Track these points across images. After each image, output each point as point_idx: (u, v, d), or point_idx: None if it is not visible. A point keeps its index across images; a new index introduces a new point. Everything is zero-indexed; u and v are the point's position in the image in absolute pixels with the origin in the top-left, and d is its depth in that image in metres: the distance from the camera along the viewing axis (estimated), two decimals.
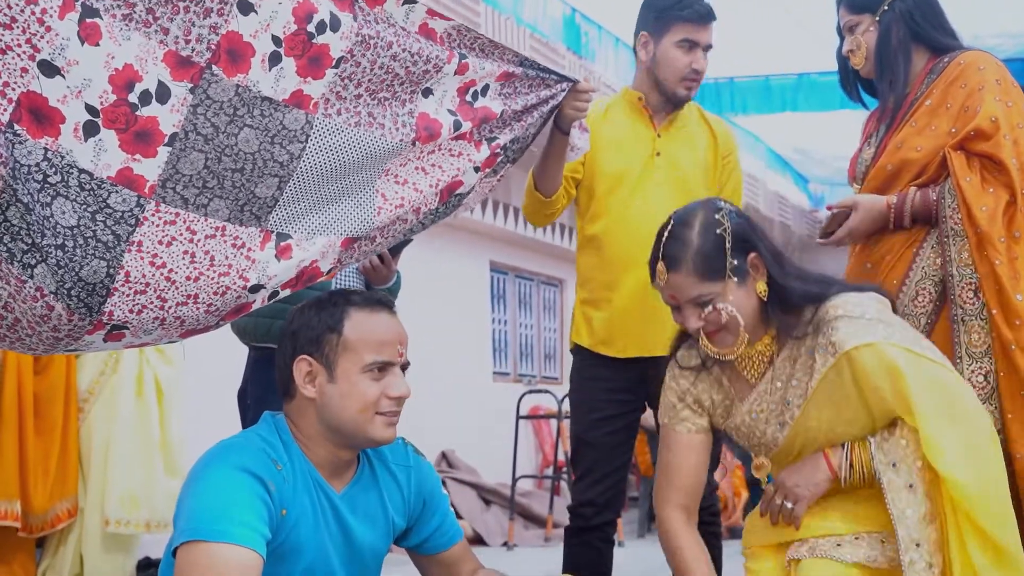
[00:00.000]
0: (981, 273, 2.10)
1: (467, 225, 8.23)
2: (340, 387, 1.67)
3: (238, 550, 1.46)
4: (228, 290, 1.66)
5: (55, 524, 4.12)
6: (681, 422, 1.98)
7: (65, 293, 1.49)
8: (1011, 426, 2.03)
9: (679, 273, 1.81)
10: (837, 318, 1.78)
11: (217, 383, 3.83)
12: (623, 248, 2.69)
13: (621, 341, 2.70)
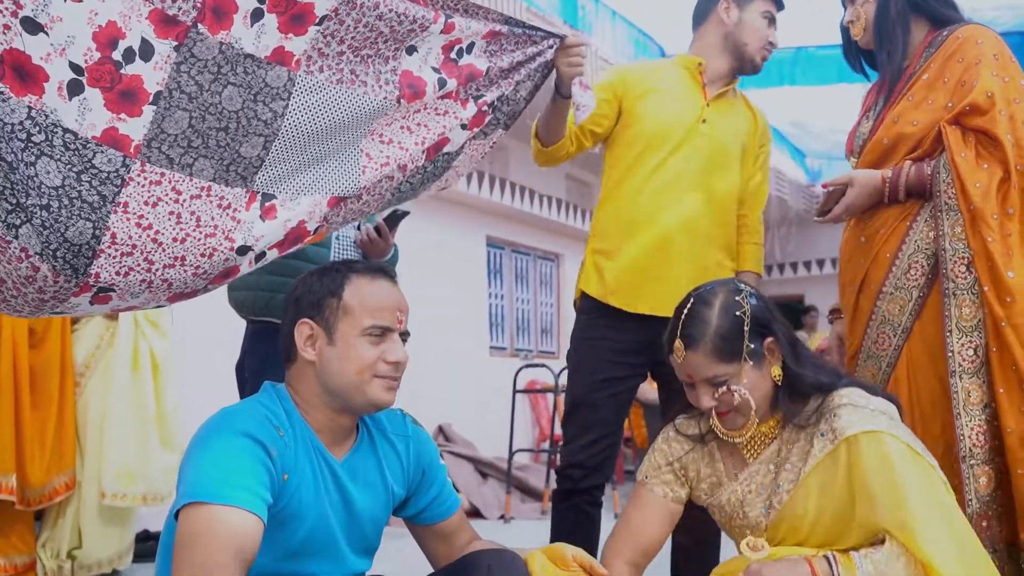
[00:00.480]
0: (974, 249, 2.10)
1: (464, 200, 8.22)
2: (339, 350, 1.69)
3: (239, 513, 1.47)
4: (215, 252, 1.65)
5: (53, 497, 4.14)
6: (661, 485, 1.99)
7: (50, 254, 1.49)
8: (1002, 400, 2.04)
9: (696, 352, 1.82)
10: (841, 406, 1.77)
11: (213, 357, 3.84)
12: (649, 204, 2.67)
13: (632, 294, 2.66)
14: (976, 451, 2.03)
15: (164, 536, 1.62)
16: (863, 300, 2.29)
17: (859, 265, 2.31)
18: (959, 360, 2.09)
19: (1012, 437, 2.01)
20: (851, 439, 1.71)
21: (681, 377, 1.89)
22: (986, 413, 2.06)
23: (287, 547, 1.62)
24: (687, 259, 2.65)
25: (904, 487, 1.64)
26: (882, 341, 2.24)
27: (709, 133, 2.71)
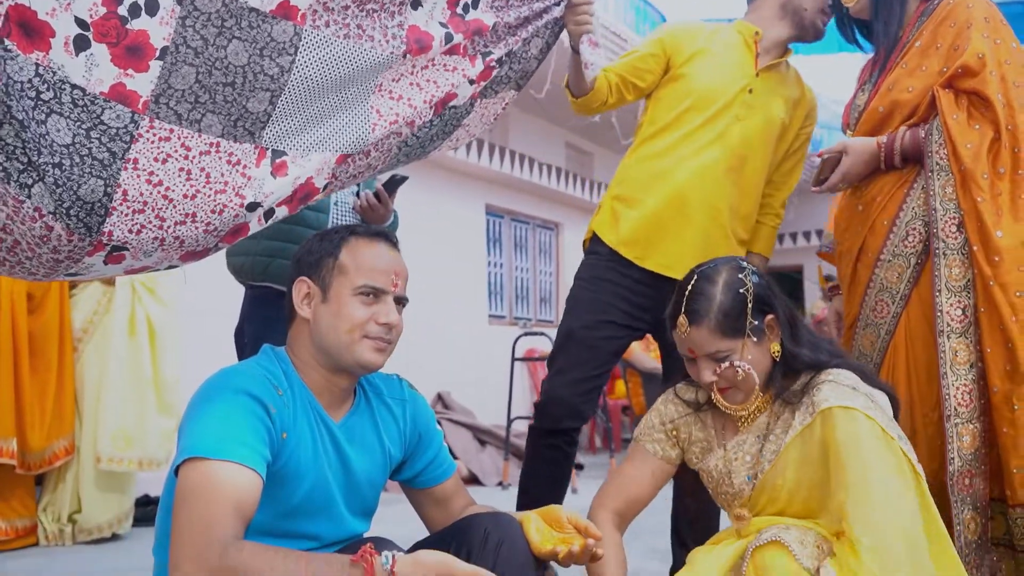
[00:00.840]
0: (964, 209, 2.10)
1: (463, 168, 8.19)
2: (331, 307, 1.71)
3: (239, 469, 1.49)
4: (225, 208, 1.65)
5: (53, 462, 4.16)
6: (652, 443, 2.05)
7: (64, 213, 1.49)
8: (988, 359, 2.05)
9: (700, 328, 1.85)
10: (825, 382, 1.80)
11: (212, 324, 3.85)
12: (678, 163, 2.66)
13: (644, 247, 2.65)
14: (961, 410, 2.05)
15: (164, 493, 1.64)
16: (861, 268, 2.30)
17: (856, 233, 2.31)
18: (947, 320, 2.10)
19: (998, 396, 2.03)
20: (826, 412, 1.73)
21: (683, 352, 1.91)
22: (972, 372, 2.07)
23: (286, 506, 1.64)
24: (705, 223, 2.64)
25: (860, 469, 1.66)
26: (880, 309, 2.24)
27: (752, 103, 2.68)
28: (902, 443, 1.71)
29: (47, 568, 3.78)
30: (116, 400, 4.27)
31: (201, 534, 1.40)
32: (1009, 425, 2.01)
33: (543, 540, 1.66)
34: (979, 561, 2.02)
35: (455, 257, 8.08)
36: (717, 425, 1.99)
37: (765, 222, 2.83)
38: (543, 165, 9.06)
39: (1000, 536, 2.08)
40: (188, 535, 1.41)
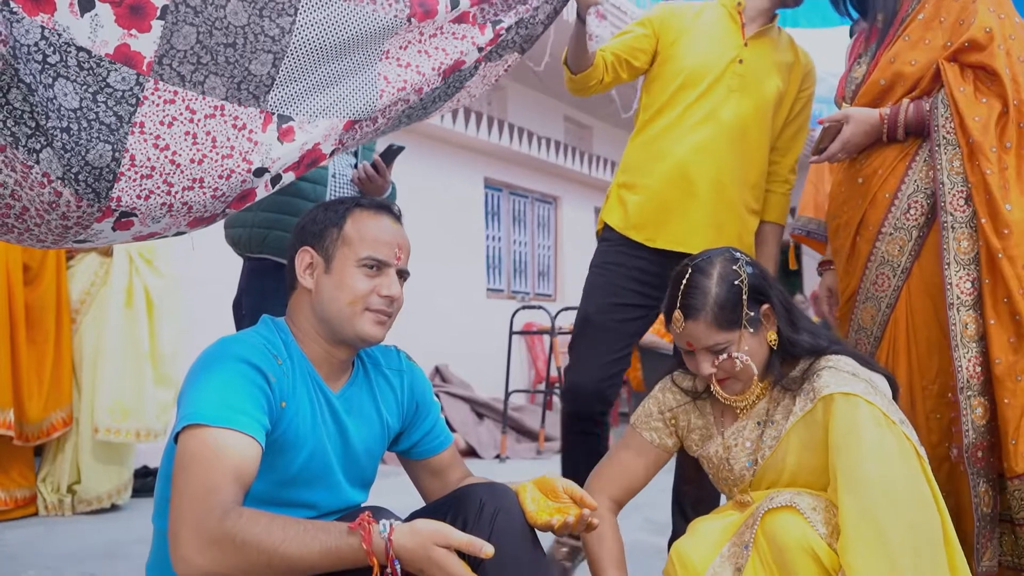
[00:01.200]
0: (972, 182, 2.10)
1: (462, 141, 8.17)
2: (334, 278, 1.71)
3: (238, 436, 1.49)
4: (233, 173, 1.65)
5: (51, 433, 4.18)
6: (650, 431, 2.05)
7: (72, 178, 1.49)
8: (992, 331, 2.05)
9: (697, 322, 1.85)
10: (825, 368, 1.80)
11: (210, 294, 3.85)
12: (678, 142, 2.66)
13: (653, 228, 2.67)
14: (973, 382, 2.05)
15: (164, 461, 1.64)
16: (861, 242, 2.29)
17: (856, 206, 2.31)
18: (957, 293, 2.10)
19: (1000, 368, 2.04)
20: (827, 398, 1.74)
21: (681, 345, 1.92)
22: (981, 345, 2.07)
23: (284, 475, 1.64)
24: (712, 198, 2.64)
25: (860, 459, 1.66)
26: (881, 282, 2.24)
27: (744, 74, 2.67)
28: (904, 427, 1.71)
29: (46, 538, 3.80)
30: (113, 372, 4.27)
31: (200, 500, 1.41)
32: (1011, 396, 2.02)
33: (539, 510, 1.67)
34: (991, 533, 2.03)
35: (453, 230, 8.08)
36: (716, 412, 2.00)
37: (774, 190, 2.81)
38: (542, 138, 9.03)
39: (1000, 511, 2.10)
40: (188, 501, 1.42)
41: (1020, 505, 2.03)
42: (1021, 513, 2.04)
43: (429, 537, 1.38)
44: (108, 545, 3.64)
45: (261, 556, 1.37)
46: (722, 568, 1.82)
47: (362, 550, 1.38)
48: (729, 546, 1.83)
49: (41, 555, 3.48)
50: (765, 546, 1.74)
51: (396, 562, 1.38)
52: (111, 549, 3.57)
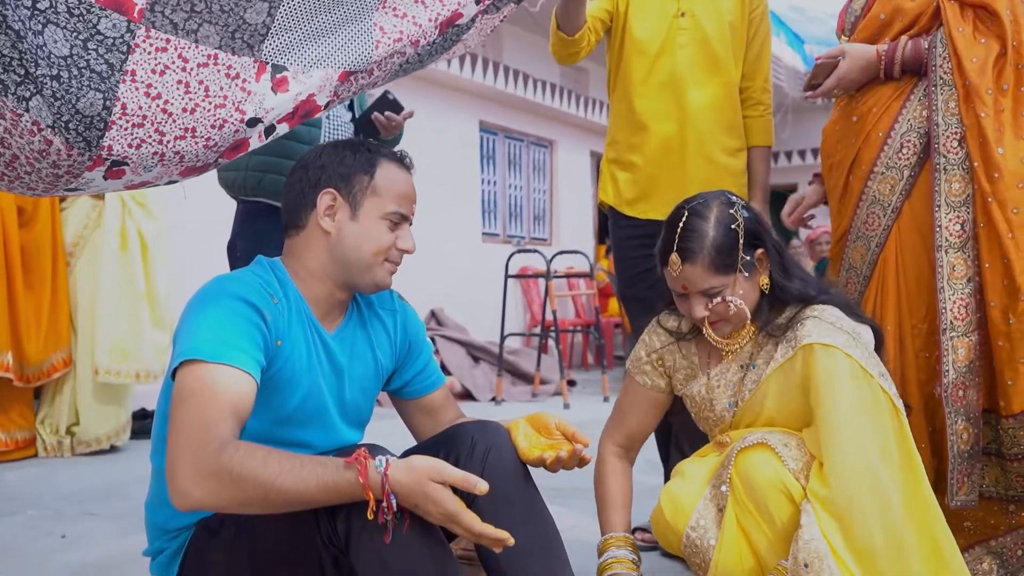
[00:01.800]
0: (967, 124, 2.09)
1: (457, 84, 8.10)
2: (360, 226, 1.72)
3: (234, 372, 1.50)
4: (225, 123, 1.65)
5: (50, 374, 4.21)
6: (641, 374, 2.09)
7: (63, 126, 1.48)
8: (986, 275, 2.07)
9: (694, 265, 1.86)
10: (809, 318, 1.83)
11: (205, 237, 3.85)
12: (647, 111, 2.71)
13: (644, 203, 2.75)
14: (957, 324, 2.08)
15: (161, 399, 1.66)
16: (853, 181, 2.28)
17: (849, 145, 2.30)
18: (946, 235, 2.10)
19: (995, 311, 2.05)
20: (807, 348, 1.77)
21: (675, 288, 1.93)
22: (970, 287, 2.09)
23: (280, 414, 1.66)
24: (695, 159, 2.70)
25: (834, 410, 1.71)
26: (871, 221, 2.24)
27: (689, 26, 2.70)
28: (882, 380, 1.73)
29: (46, 478, 3.85)
30: (110, 314, 4.29)
31: (197, 434, 1.42)
32: (1005, 339, 2.04)
33: (531, 447, 1.69)
34: (969, 469, 2.06)
35: (448, 174, 8.05)
36: (701, 353, 2.03)
37: (753, 114, 2.83)
38: (538, 81, 8.96)
39: (986, 444, 2.13)
40: (184, 436, 1.43)
41: (1013, 442, 2.07)
42: (1013, 449, 2.07)
43: (425, 473, 1.40)
44: (107, 485, 3.69)
45: (257, 489, 1.38)
46: (706, 510, 1.86)
47: (358, 484, 1.39)
48: (710, 488, 1.87)
49: (41, 495, 3.53)
50: (740, 486, 1.78)
51: (392, 496, 1.39)
52: (110, 489, 3.62)
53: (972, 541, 2.19)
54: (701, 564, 1.86)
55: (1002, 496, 2.16)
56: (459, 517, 1.40)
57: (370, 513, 1.39)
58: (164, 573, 1.70)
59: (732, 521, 1.80)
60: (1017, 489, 2.12)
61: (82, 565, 2.61)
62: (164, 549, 1.70)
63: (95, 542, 2.86)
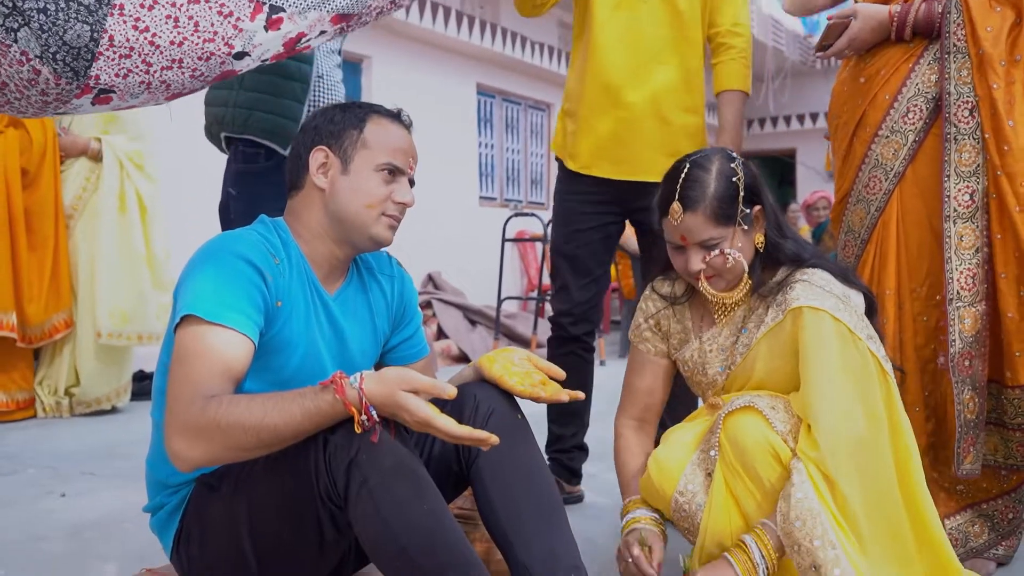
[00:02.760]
0: (979, 95, 2.07)
1: (453, 46, 8.05)
2: (352, 180, 1.72)
3: (231, 334, 1.53)
4: (212, 56, 1.66)
5: (52, 335, 4.23)
6: (643, 342, 2.10)
7: (50, 57, 1.50)
8: (997, 245, 2.06)
9: (695, 214, 1.85)
10: (799, 281, 1.83)
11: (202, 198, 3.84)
12: (603, 67, 2.63)
13: (590, 159, 2.68)
14: (964, 294, 2.08)
15: (162, 354, 1.68)
16: (857, 143, 2.27)
17: (856, 106, 2.28)
18: (954, 205, 2.10)
19: (1004, 282, 2.05)
20: (796, 311, 1.78)
21: (673, 240, 1.92)
22: (977, 257, 2.08)
23: (279, 375, 1.67)
24: (648, 119, 2.62)
25: (820, 372, 1.72)
26: (873, 185, 2.23)
27: None
28: (870, 343, 1.75)
29: (46, 438, 3.87)
30: (110, 277, 4.30)
31: (185, 397, 1.46)
32: (1014, 309, 2.04)
33: (519, 381, 1.71)
34: (974, 439, 2.08)
35: (446, 138, 8.02)
36: (695, 317, 2.04)
37: (723, 59, 2.71)
38: (535, 44, 8.91)
39: (987, 414, 2.14)
40: (174, 401, 1.48)
41: (1017, 412, 2.08)
42: (1017, 419, 2.09)
43: (395, 383, 1.43)
44: (107, 445, 3.72)
45: (248, 434, 1.43)
46: (693, 475, 1.88)
47: (339, 403, 1.43)
48: (698, 452, 1.89)
49: (41, 454, 3.55)
50: (728, 448, 1.80)
51: (372, 409, 1.44)
52: (110, 449, 3.65)
53: (964, 504, 2.22)
54: (690, 528, 1.88)
55: (1000, 464, 2.18)
56: (433, 421, 1.43)
57: (357, 427, 1.45)
58: (164, 529, 1.72)
59: (721, 485, 1.82)
60: (1017, 458, 2.14)
61: (83, 522, 2.63)
62: (164, 505, 1.72)
63: (95, 500, 2.88)
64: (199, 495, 1.67)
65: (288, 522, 1.55)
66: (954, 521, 2.20)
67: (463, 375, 1.86)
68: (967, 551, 2.19)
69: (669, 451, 1.94)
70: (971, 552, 2.20)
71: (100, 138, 4.36)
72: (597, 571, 2.19)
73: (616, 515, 2.62)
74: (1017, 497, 2.23)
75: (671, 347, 2.08)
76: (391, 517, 1.45)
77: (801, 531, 1.63)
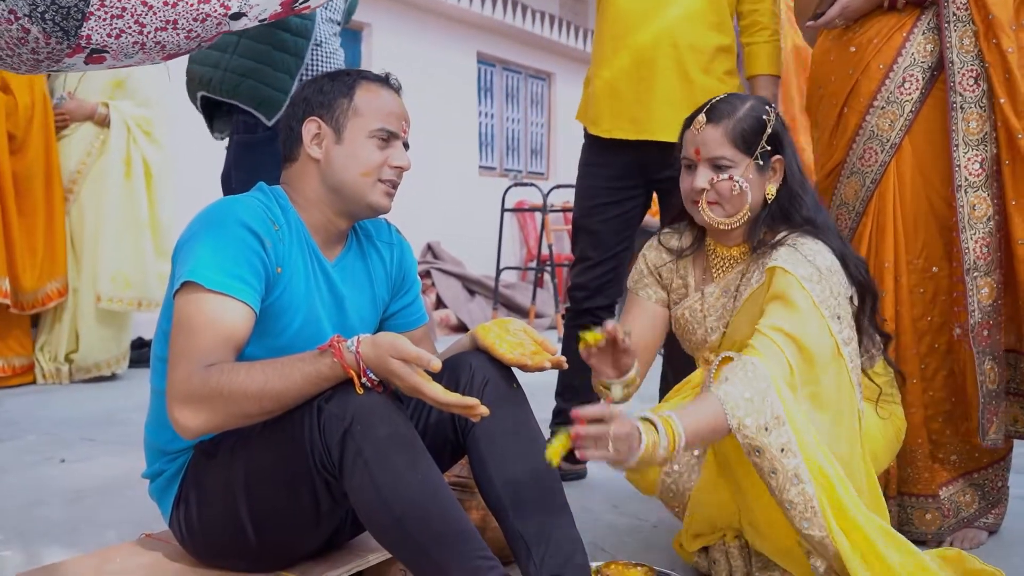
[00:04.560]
0: (989, 61, 2.05)
1: (454, 14, 8.00)
2: (346, 148, 1.72)
3: (232, 302, 1.54)
4: (208, 17, 1.64)
5: (46, 303, 4.23)
6: (643, 288, 2.09)
7: (39, 17, 1.48)
8: (1012, 211, 2.05)
9: (716, 127, 1.86)
10: (787, 245, 1.82)
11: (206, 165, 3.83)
12: (615, 21, 2.58)
13: (611, 121, 2.63)
14: (980, 263, 2.06)
15: (162, 316, 1.69)
16: (849, 114, 2.25)
17: (846, 76, 2.26)
18: (965, 175, 2.08)
19: (1022, 248, 2.05)
20: (770, 270, 1.79)
21: (688, 154, 1.91)
22: (990, 225, 2.07)
23: (278, 340, 1.68)
24: (672, 78, 2.54)
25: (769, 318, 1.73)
26: (868, 157, 2.22)
27: None
28: (832, 322, 1.74)
29: (46, 405, 3.89)
30: (113, 242, 4.31)
31: (189, 363, 1.49)
32: None
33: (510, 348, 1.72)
34: (996, 408, 2.08)
35: (446, 107, 7.98)
36: (697, 273, 2.03)
37: (757, 40, 2.64)
38: (536, 12, 8.85)
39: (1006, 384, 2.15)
40: (178, 364, 1.50)
41: None
42: None
43: (386, 350, 1.47)
44: (106, 412, 3.73)
45: (250, 401, 1.47)
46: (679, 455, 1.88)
47: (337, 365, 1.48)
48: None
49: (40, 420, 3.57)
50: None
51: (369, 371, 1.48)
52: (110, 415, 3.66)
53: (956, 474, 2.23)
54: (679, 508, 1.90)
55: (1015, 434, 2.18)
56: (423, 388, 1.47)
57: (358, 388, 1.49)
58: (163, 495, 1.73)
59: (710, 462, 1.83)
60: None
61: (82, 488, 2.65)
62: (163, 471, 1.73)
63: (94, 466, 2.90)
64: (197, 462, 1.68)
65: (284, 490, 1.56)
66: (947, 491, 2.21)
67: (460, 343, 1.87)
68: (959, 521, 2.21)
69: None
70: (963, 522, 2.22)
71: (107, 103, 4.35)
72: (592, 540, 2.21)
73: (612, 487, 2.65)
74: (1005, 465, 2.26)
75: (671, 299, 2.08)
76: (385, 487, 1.46)
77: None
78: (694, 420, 1.61)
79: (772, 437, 1.61)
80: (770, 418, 1.62)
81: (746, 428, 1.61)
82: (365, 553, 1.77)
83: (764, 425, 1.62)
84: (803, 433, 1.64)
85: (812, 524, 1.63)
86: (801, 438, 1.63)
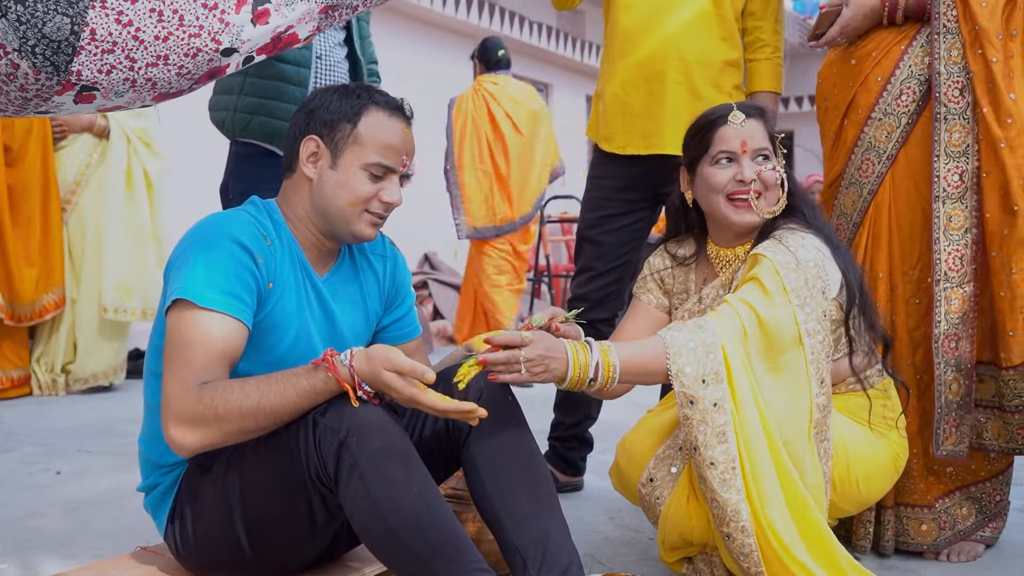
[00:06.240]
0: (974, 71, 2.06)
1: (451, 25, 8.02)
2: (339, 175, 1.71)
3: (224, 319, 1.55)
4: (200, 52, 1.63)
5: (42, 315, 4.23)
6: (646, 293, 2.14)
7: (29, 51, 1.47)
8: (990, 225, 2.05)
9: (756, 120, 1.95)
10: (773, 238, 1.85)
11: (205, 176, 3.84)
12: (629, 34, 2.58)
13: (619, 137, 2.64)
14: (951, 275, 2.08)
15: (154, 332, 1.69)
16: (848, 126, 2.27)
17: (846, 88, 2.28)
18: (944, 185, 2.09)
19: (996, 261, 2.05)
20: (753, 256, 1.83)
21: (730, 147, 1.94)
22: (967, 238, 2.08)
23: (270, 355, 1.68)
24: (681, 92, 2.55)
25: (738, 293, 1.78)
26: (865, 168, 2.23)
27: None
28: (799, 311, 1.75)
29: (42, 416, 3.88)
30: (116, 252, 4.33)
31: (183, 382, 1.50)
32: (1006, 289, 2.03)
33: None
34: (958, 421, 2.07)
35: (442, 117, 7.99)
36: (698, 277, 2.07)
37: (759, 57, 2.65)
38: (534, 23, 8.88)
39: (988, 398, 2.14)
40: (172, 383, 1.51)
41: (1013, 393, 2.06)
42: (1014, 401, 2.07)
43: (380, 362, 1.48)
44: (103, 423, 3.73)
45: (245, 418, 1.48)
46: (657, 467, 1.89)
47: (332, 380, 1.49)
48: (664, 447, 1.90)
49: (37, 431, 3.56)
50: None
51: (364, 384, 1.50)
52: (106, 427, 3.66)
53: (953, 487, 2.23)
54: (653, 518, 1.90)
55: (1003, 449, 2.16)
56: (419, 397, 1.48)
57: (354, 401, 1.50)
58: (158, 508, 1.73)
59: (684, 476, 1.83)
60: (1018, 442, 2.12)
61: (78, 499, 2.65)
62: (158, 484, 1.73)
63: (90, 478, 2.90)
64: (192, 475, 1.68)
65: (279, 503, 1.56)
66: (943, 503, 2.21)
67: (455, 356, 1.87)
68: (955, 533, 2.21)
69: (637, 438, 1.96)
70: (959, 535, 2.21)
71: (106, 115, 4.36)
72: (588, 552, 2.21)
73: (609, 497, 2.65)
74: (1004, 480, 2.25)
75: (672, 304, 2.12)
76: (381, 499, 1.46)
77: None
78: (632, 354, 1.68)
79: (708, 390, 1.65)
80: (710, 372, 1.67)
81: (684, 376, 1.66)
82: (361, 566, 1.77)
83: (702, 377, 1.66)
84: (742, 396, 1.67)
85: (730, 486, 1.65)
86: (737, 397, 1.66)
